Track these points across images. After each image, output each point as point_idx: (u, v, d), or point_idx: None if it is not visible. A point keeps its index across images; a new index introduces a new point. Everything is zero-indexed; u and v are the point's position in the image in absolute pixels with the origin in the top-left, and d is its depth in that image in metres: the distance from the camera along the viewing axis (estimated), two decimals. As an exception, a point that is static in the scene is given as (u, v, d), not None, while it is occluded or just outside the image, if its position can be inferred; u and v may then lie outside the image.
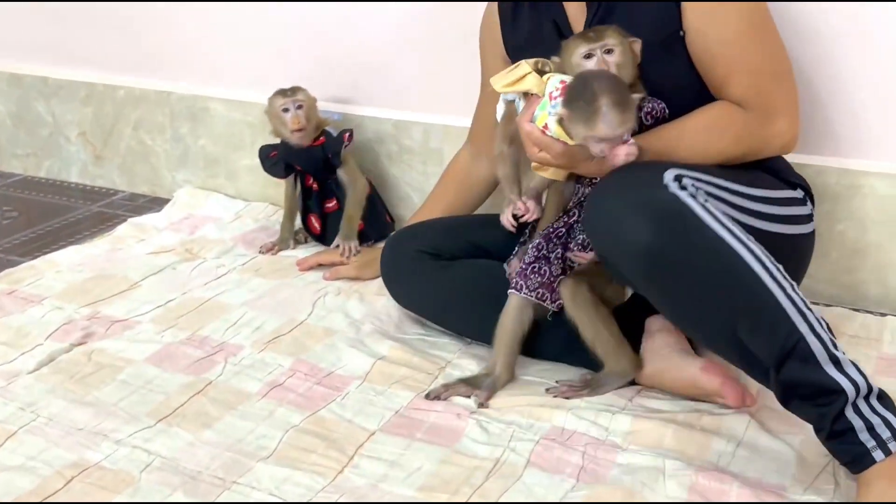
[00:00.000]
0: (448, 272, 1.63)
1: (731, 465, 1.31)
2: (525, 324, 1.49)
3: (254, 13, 2.25)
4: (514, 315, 1.48)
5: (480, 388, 1.47)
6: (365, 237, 2.03)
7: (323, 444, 1.36)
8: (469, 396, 1.46)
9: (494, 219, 1.54)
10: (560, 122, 1.29)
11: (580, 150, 1.31)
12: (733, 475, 1.27)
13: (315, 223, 2.08)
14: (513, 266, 1.54)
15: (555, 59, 1.40)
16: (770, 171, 1.48)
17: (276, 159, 2.04)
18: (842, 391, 1.15)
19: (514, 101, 1.43)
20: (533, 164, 1.42)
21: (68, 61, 2.53)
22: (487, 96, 1.75)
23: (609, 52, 1.36)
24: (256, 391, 1.50)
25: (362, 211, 2.02)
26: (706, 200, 1.24)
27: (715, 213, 1.22)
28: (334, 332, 1.69)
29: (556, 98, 1.32)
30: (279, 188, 2.13)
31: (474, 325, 1.61)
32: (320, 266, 1.95)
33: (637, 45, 1.39)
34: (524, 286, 1.46)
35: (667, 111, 1.44)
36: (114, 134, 2.50)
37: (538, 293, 1.46)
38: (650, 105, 1.42)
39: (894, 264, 1.73)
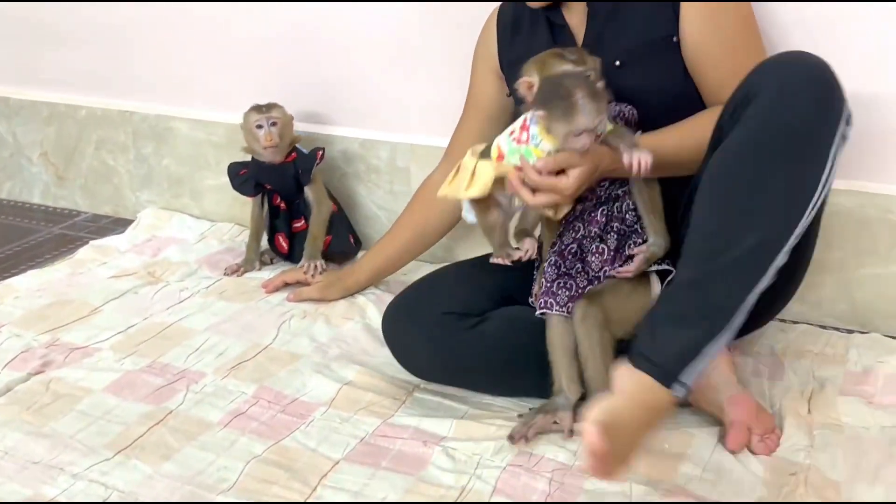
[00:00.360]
0: (481, 332, 1.49)
1: (698, 487, 1.29)
2: (572, 335, 1.42)
3: (218, 31, 2.22)
4: (557, 333, 1.43)
5: (558, 412, 1.41)
6: (328, 257, 2.01)
7: (285, 476, 1.33)
8: (554, 423, 1.40)
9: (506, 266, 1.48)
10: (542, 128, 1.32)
11: (586, 163, 1.32)
12: (700, 498, 1.26)
13: (283, 242, 2.05)
14: (536, 290, 1.49)
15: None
16: None
17: (246, 177, 2.01)
18: None
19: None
20: (545, 211, 1.40)
21: (29, 81, 2.50)
22: (471, 112, 1.75)
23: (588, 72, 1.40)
24: (218, 420, 1.47)
25: (326, 230, 2.00)
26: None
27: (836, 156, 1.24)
28: (299, 356, 1.66)
29: (514, 133, 1.35)
30: (245, 208, 2.11)
31: (515, 384, 1.52)
32: (286, 286, 1.92)
33: (597, 62, 1.42)
34: (554, 303, 1.42)
35: (636, 114, 1.46)
36: (76, 154, 2.47)
37: (569, 307, 1.42)
38: (618, 108, 1.45)
39: (859, 280, 1.73)
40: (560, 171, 1.33)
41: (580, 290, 1.43)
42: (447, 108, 2.01)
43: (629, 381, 1.21)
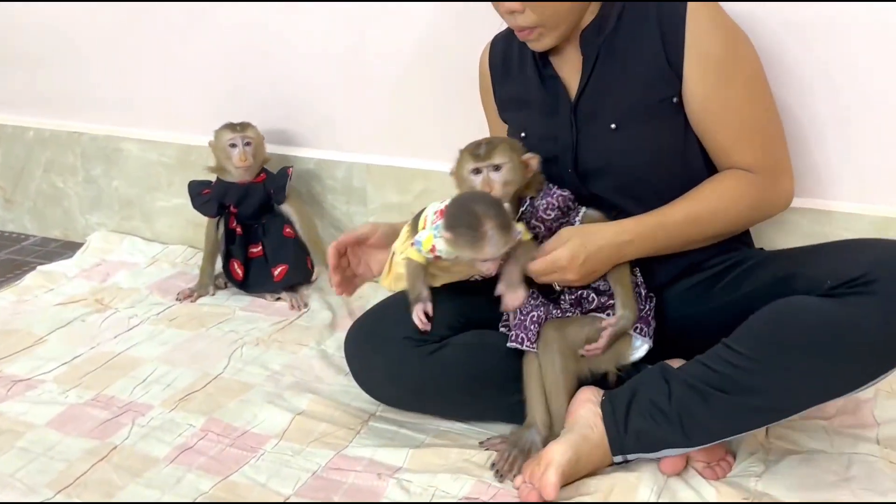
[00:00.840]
0: (440, 358, 1.43)
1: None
2: None
3: (168, 50, 2.17)
4: (533, 369, 1.41)
5: (531, 450, 1.37)
6: (288, 281, 1.97)
7: (233, 514, 1.28)
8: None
9: (472, 285, 1.45)
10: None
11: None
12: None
13: (238, 269, 2.00)
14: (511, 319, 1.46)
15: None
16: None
17: (209, 197, 1.96)
18: None
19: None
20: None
21: (-26, 101, 2.43)
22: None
23: (496, 168, 1.36)
24: (164, 455, 1.42)
25: (318, 236, 2.01)
26: None
27: None
28: (251, 386, 1.61)
29: (436, 222, 1.35)
30: (199, 230, 2.06)
31: (475, 410, 1.49)
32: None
33: (534, 161, 1.38)
34: (525, 339, 1.40)
35: (570, 198, 1.41)
36: (24, 176, 2.40)
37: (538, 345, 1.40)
38: (545, 201, 1.40)
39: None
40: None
41: None
42: (404, 128, 1.99)
43: (590, 423, 1.32)
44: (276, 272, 1.96)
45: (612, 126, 1.41)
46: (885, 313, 1.18)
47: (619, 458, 1.33)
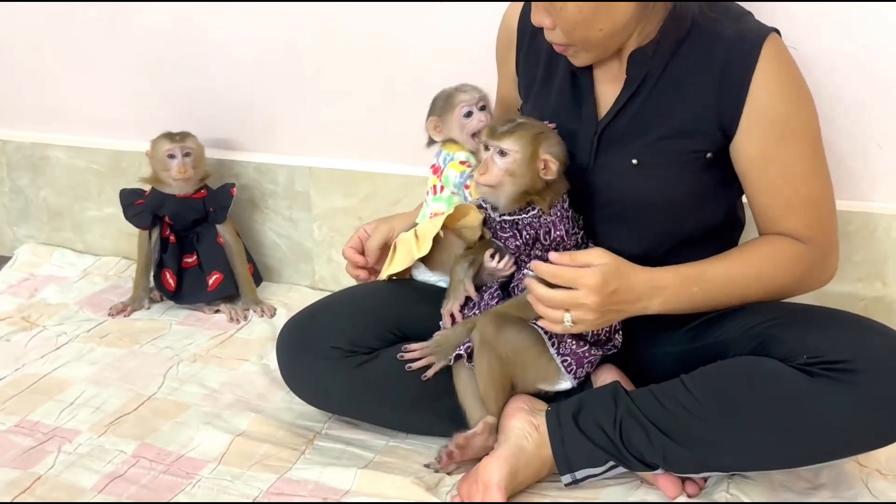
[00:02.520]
0: (369, 370, 1.36)
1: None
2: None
3: (94, 51, 2.06)
4: (463, 379, 1.34)
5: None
6: (223, 291, 1.87)
7: (166, 548, 1.19)
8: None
9: (415, 294, 1.39)
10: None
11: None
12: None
13: (170, 279, 1.89)
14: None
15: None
16: None
17: (143, 207, 1.87)
18: None
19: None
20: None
21: None
22: (502, 113, 1.50)
23: (502, 154, 1.26)
24: (92, 486, 1.31)
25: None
26: None
27: None
28: (187, 406, 1.51)
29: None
30: (133, 240, 1.96)
31: (405, 421, 1.43)
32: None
33: (553, 166, 1.26)
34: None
35: (561, 241, 1.29)
36: (-55, 188, 2.26)
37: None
38: (537, 221, 1.29)
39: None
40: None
41: None
42: (348, 130, 1.91)
43: (524, 433, 1.27)
44: (210, 281, 1.87)
45: (634, 161, 1.27)
46: (859, 407, 1.13)
47: (566, 479, 1.26)
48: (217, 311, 1.87)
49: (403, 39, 1.78)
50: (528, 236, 1.30)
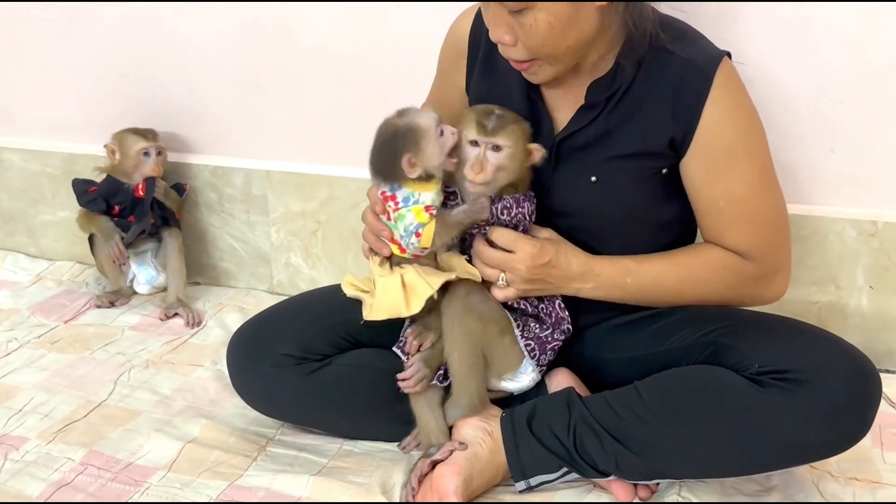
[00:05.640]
0: (322, 378, 1.35)
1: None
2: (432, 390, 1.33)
3: (46, 52, 2.03)
4: (421, 401, 1.32)
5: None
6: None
7: (111, 558, 1.16)
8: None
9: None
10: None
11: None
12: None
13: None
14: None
15: None
16: None
17: (96, 194, 1.88)
18: None
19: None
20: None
21: None
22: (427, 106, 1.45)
23: (497, 149, 1.24)
24: (38, 493, 1.29)
25: None
26: None
27: None
28: (138, 413, 1.49)
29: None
30: (87, 244, 1.94)
31: (358, 428, 1.42)
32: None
33: (538, 154, 1.26)
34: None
35: (527, 218, 1.28)
36: None
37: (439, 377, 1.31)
38: (508, 202, 1.27)
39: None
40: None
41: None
42: (305, 133, 1.89)
43: (478, 440, 1.27)
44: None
45: (593, 179, 1.28)
46: (807, 417, 1.14)
47: (520, 485, 1.27)
48: (175, 315, 1.84)
49: (359, 43, 1.77)
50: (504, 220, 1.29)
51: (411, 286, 1.25)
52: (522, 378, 1.31)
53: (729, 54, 1.26)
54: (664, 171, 1.27)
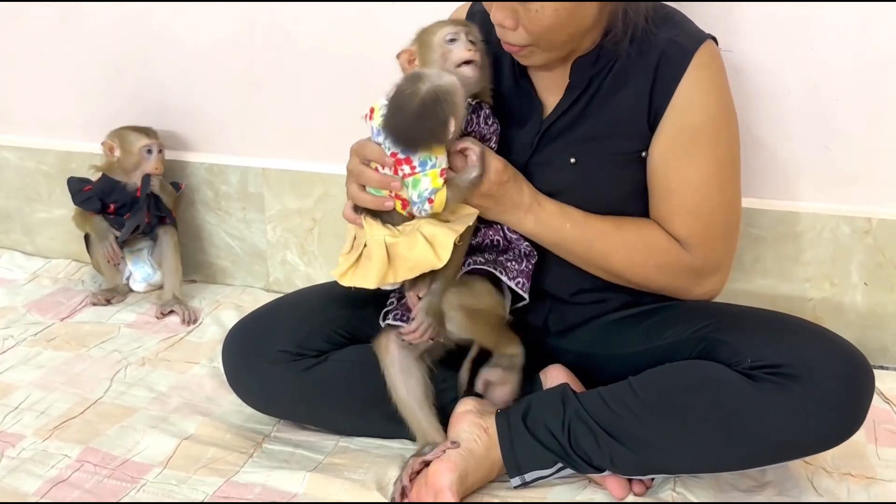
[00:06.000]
0: (317, 374, 1.35)
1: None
2: (418, 384, 1.32)
3: (42, 50, 2.03)
4: (400, 388, 1.32)
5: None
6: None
7: (108, 554, 1.17)
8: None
9: (362, 295, 1.30)
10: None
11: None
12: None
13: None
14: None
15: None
16: None
17: (91, 193, 1.88)
18: None
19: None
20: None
21: None
22: None
23: (473, 44, 1.23)
24: (35, 490, 1.29)
25: None
26: None
27: None
28: (134, 410, 1.49)
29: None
30: (83, 242, 1.94)
31: (355, 425, 1.41)
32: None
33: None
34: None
35: (497, 136, 1.29)
36: None
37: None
38: (487, 111, 1.27)
39: (724, 296, 1.68)
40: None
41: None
42: (301, 130, 1.89)
43: (473, 436, 1.27)
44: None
45: (572, 160, 1.29)
46: (800, 411, 1.14)
47: (515, 481, 1.27)
48: (171, 312, 1.85)
49: (354, 41, 1.77)
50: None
51: (432, 237, 1.20)
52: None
53: (715, 39, 1.27)
54: (643, 153, 1.28)
